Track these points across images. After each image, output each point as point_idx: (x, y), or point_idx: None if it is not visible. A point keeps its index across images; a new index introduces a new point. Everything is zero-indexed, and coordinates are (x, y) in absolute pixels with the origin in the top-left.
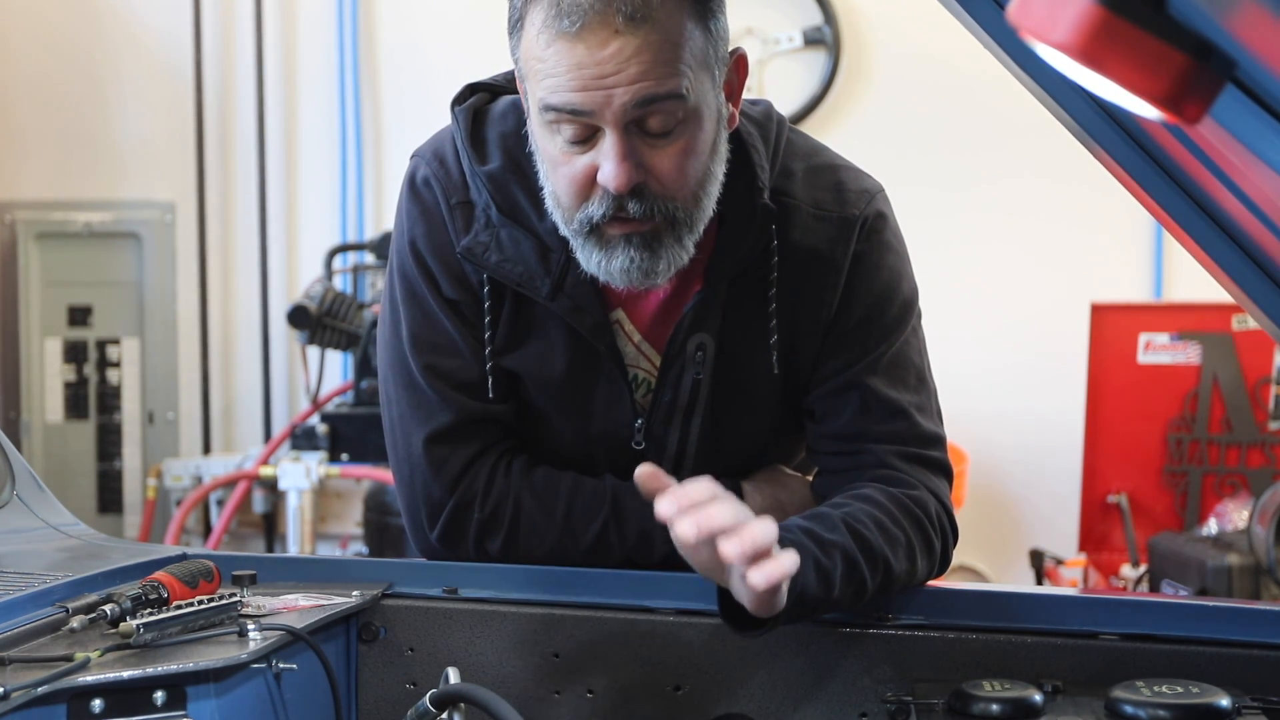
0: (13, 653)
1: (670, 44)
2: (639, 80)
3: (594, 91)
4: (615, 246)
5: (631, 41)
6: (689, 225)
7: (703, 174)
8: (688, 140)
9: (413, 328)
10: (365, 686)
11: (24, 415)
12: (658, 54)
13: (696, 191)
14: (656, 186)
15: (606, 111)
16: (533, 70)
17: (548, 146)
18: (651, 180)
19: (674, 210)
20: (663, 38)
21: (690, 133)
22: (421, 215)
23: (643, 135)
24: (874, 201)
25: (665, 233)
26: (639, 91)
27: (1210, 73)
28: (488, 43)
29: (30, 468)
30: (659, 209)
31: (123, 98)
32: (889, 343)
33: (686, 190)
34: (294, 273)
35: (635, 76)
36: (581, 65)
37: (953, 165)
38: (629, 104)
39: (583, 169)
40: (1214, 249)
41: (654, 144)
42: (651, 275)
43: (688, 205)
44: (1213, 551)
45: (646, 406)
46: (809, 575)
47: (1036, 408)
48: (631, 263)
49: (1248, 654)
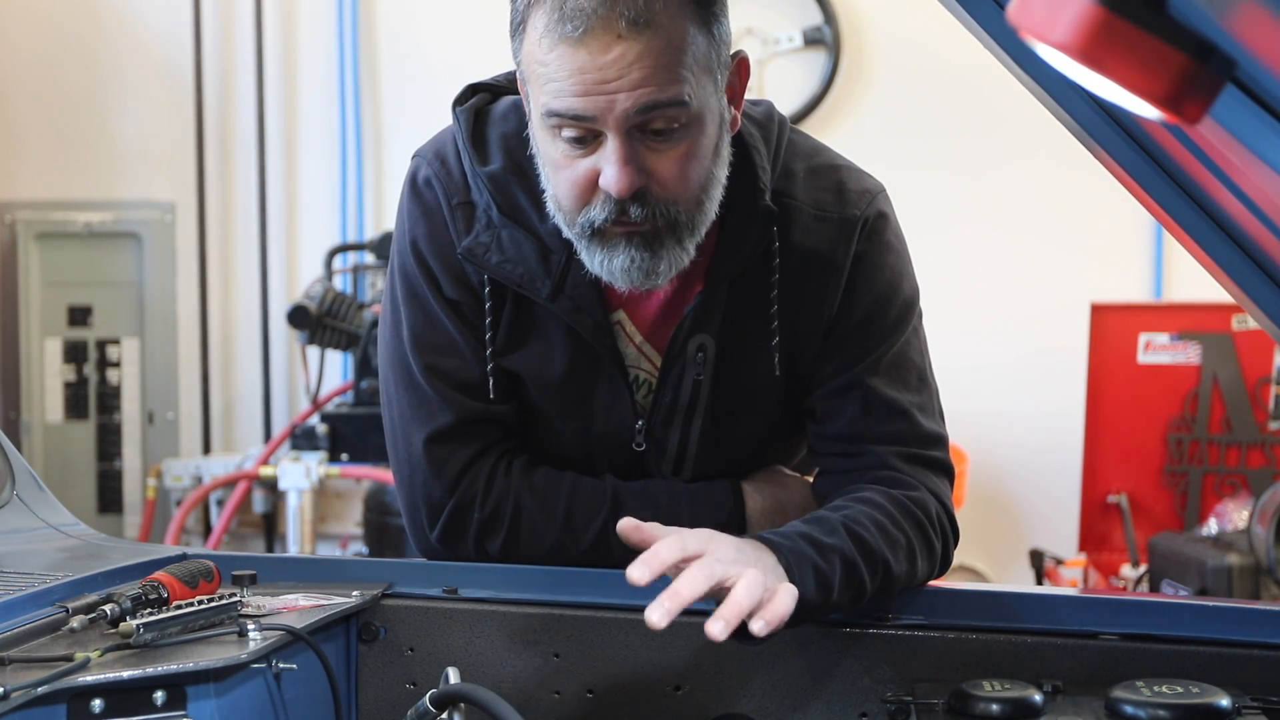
0: (13, 653)
1: (673, 49)
2: (641, 86)
3: (596, 97)
4: (617, 246)
5: (634, 47)
6: (690, 228)
7: (705, 178)
8: (690, 144)
9: (414, 327)
10: (365, 686)
11: (24, 415)
12: (660, 59)
13: (699, 195)
14: (658, 190)
15: (609, 117)
16: (535, 74)
17: (549, 150)
18: (653, 184)
19: (676, 214)
20: (665, 43)
21: (692, 137)
22: (423, 215)
23: (645, 139)
24: (875, 202)
25: (666, 235)
26: (641, 97)
27: (1210, 73)
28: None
29: (30, 468)
30: (661, 213)
31: (123, 98)
32: (890, 343)
33: (689, 194)
34: (294, 273)
35: (638, 82)
36: (584, 70)
37: (952, 165)
38: (631, 110)
39: (584, 173)
40: (1214, 249)
41: (656, 148)
42: (653, 276)
43: (690, 209)
44: (1213, 551)
45: (647, 407)
46: (807, 580)
47: (1036, 408)
48: (632, 263)
49: (1248, 654)
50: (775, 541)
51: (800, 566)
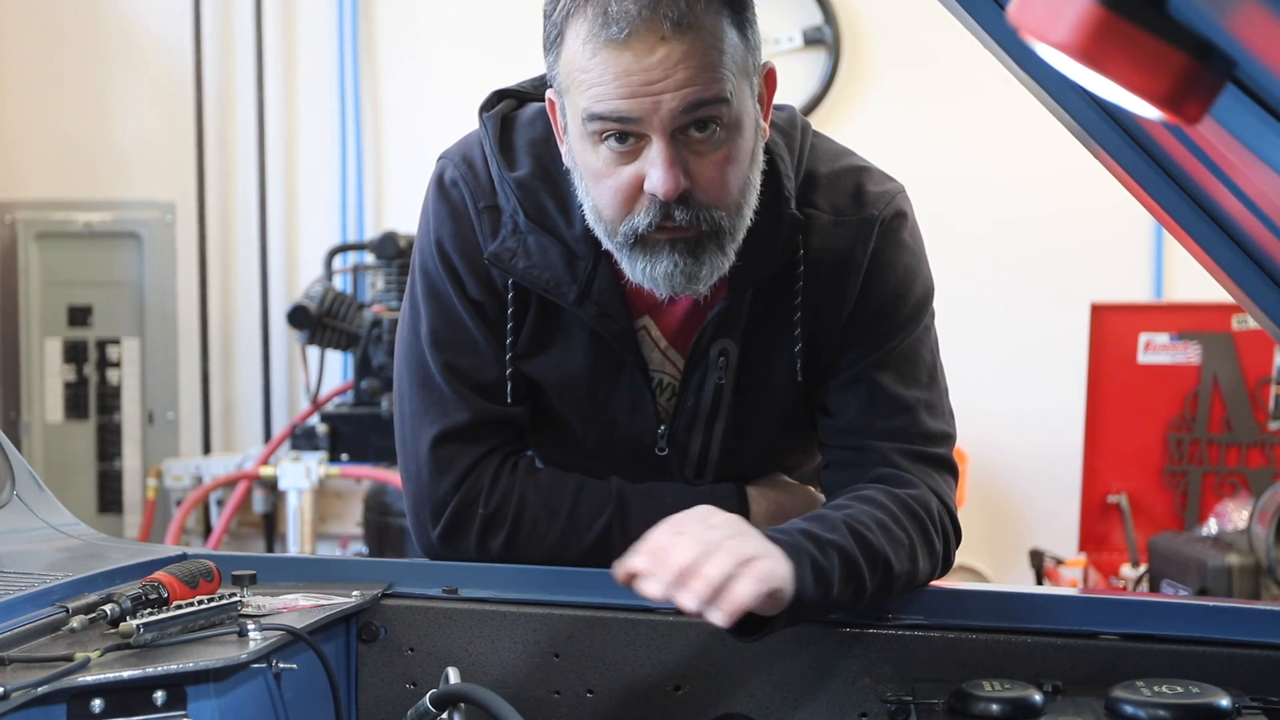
0: (13, 653)
1: (715, 50)
2: (686, 85)
3: (642, 99)
4: (660, 253)
5: (678, 47)
6: (731, 234)
7: (744, 183)
8: (730, 148)
9: (433, 326)
10: (365, 686)
11: (24, 415)
12: (703, 59)
13: (738, 200)
14: (701, 195)
15: (654, 118)
16: (575, 82)
17: (590, 160)
18: (696, 189)
19: (719, 219)
20: (708, 44)
21: (733, 141)
22: (450, 216)
23: (688, 143)
24: (894, 202)
25: (709, 240)
26: (687, 96)
27: (1210, 73)
28: (488, 43)
29: (30, 468)
30: (704, 218)
31: (123, 98)
32: (900, 339)
33: (729, 199)
34: (294, 273)
35: (683, 82)
36: (629, 72)
37: (952, 165)
38: (677, 109)
39: (628, 180)
40: (1214, 249)
41: (699, 152)
42: (694, 281)
43: (731, 214)
44: (1213, 551)
45: (670, 412)
46: (806, 576)
47: (1036, 408)
48: (676, 267)
49: (1248, 654)
50: (775, 537)
51: (799, 562)
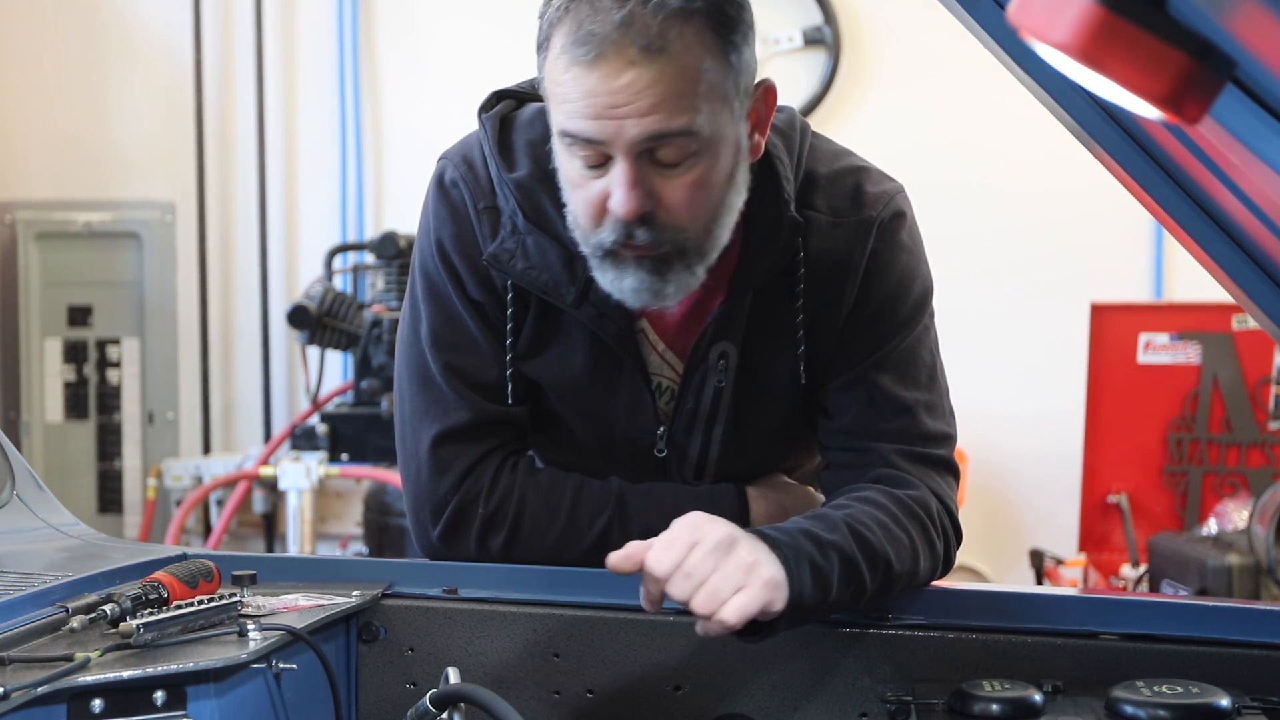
0: (13, 653)
1: (686, 78)
2: (650, 114)
3: (605, 121)
4: (626, 267)
5: (645, 74)
6: (699, 254)
7: (715, 205)
8: (701, 173)
9: (434, 326)
10: (365, 686)
11: (24, 415)
12: (671, 88)
13: (708, 223)
14: (666, 216)
15: (618, 141)
16: (553, 93)
17: (567, 167)
18: (661, 210)
19: (684, 240)
20: (678, 71)
21: (704, 165)
22: (450, 216)
23: (654, 165)
24: (892, 202)
25: (675, 260)
26: (649, 125)
27: (1210, 73)
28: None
29: (30, 468)
30: (668, 238)
31: (122, 97)
32: (899, 339)
33: (697, 222)
34: (294, 273)
35: (646, 110)
36: (595, 94)
37: (952, 165)
38: (638, 138)
39: (597, 194)
40: (1214, 249)
41: (666, 174)
42: (661, 297)
43: (698, 236)
44: (1213, 551)
45: (669, 414)
46: (804, 577)
47: (1036, 408)
48: (641, 284)
49: (1248, 654)
50: (774, 538)
51: (798, 564)
